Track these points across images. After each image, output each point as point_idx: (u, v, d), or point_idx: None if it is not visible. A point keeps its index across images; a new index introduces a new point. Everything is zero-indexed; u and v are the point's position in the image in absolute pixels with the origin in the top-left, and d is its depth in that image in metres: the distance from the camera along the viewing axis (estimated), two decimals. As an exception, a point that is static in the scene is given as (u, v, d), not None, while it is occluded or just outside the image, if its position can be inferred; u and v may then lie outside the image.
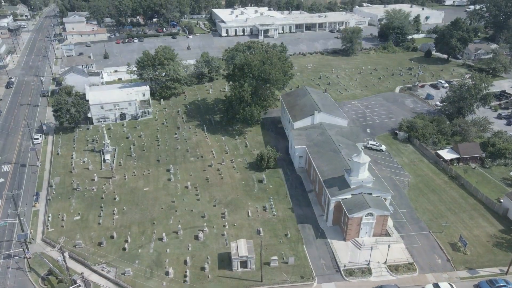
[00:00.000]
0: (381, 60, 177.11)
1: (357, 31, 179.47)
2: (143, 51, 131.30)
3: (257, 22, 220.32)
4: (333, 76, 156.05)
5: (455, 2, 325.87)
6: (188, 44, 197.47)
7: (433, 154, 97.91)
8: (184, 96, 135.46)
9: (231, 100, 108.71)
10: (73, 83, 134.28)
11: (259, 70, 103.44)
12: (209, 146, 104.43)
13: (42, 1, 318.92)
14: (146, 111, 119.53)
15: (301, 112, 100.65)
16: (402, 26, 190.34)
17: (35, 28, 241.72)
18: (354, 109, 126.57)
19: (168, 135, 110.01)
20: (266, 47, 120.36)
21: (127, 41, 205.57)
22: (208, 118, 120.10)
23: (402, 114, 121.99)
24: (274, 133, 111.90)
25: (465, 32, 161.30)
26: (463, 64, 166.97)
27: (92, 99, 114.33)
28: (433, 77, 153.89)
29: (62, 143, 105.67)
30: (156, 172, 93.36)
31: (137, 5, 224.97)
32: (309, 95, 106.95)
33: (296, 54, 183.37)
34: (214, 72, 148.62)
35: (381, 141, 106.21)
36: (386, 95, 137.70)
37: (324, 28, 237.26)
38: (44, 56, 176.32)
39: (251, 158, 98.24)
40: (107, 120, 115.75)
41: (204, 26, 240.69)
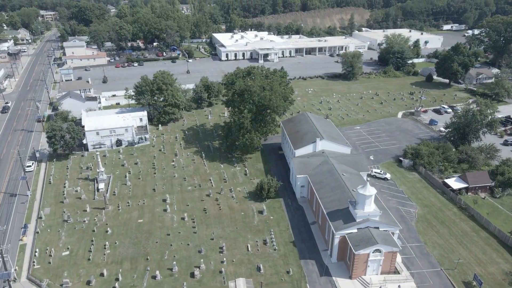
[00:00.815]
0: (382, 84, 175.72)
1: (357, 56, 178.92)
2: (141, 76, 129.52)
3: (257, 46, 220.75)
4: (334, 100, 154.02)
5: (453, 27, 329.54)
6: (187, 68, 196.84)
7: (440, 183, 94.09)
8: (182, 121, 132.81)
9: (230, 127, 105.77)
10: (69, 108, 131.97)
11: (259, 96, 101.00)
12: (207, 174, 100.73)
13: (44, 25, 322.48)
14: (143, 137, 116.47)
15: (302, 139, 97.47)
16: (402, 50, 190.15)
17: (35, 52, 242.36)
18: (356, 135, 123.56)
19: (165, 162, 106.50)
20: (267, 72, 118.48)
21: (127, 65, 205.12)
22: (207, 144, 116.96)
23: (406, 140, 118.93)
24: (274, 160, 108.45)
25: (466, 57, 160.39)
26: (465, 88, 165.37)
27: (88, 125, 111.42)
28: (435, 102, 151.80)
29: (55, 170, 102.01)
30: (152, 202, 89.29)
31: (138, 30, 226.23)
32: (310, 121, 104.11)
33: (296, 78, 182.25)
34: (214, 97, 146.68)
35: (385, 169, 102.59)
36: (388, 120, 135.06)
37: (324, 52, 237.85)
38: (42, 80, 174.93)
39: (251, 187, 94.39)
40: (102, 146, 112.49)
41: (204, 50, 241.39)
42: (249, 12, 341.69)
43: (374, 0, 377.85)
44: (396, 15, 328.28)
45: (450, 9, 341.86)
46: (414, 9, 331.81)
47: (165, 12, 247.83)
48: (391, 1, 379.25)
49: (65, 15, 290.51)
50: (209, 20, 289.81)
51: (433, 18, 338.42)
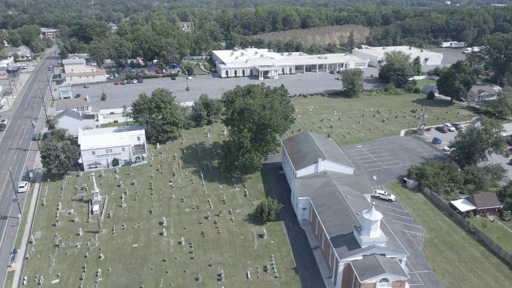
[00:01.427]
0: (383, 101, 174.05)
1: (358, 73, 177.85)
2: (139, 94, 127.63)
3: (257, 63, 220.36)
4: (335, 118, 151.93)
5: (452, 44, 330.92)
6: (187, 85, 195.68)
7: (447, 205, 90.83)
8: (181, 140, 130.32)
9: (230, 146, 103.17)
10: (66, 126, 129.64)
11: (259, 115, 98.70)
12: (205, 195, 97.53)
13: (45, 43, 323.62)
14: (141, 156, 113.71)
15: (303, 159, 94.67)
16: (403, 68, 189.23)
17: (34, 69, 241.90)
18: (358, 153, 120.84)
19: (162, 182, 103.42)
20: (267, 90, 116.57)
21: (126, 82, 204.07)
22: (206, 163, 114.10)
23: (410, 159, 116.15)
24: (275, 180, 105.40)
25: (468, 74, 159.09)
26: (467, 106, 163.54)
27: (84, 144, 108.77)
28: (437, 119, 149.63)
29: (48, 191, 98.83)
30: (148, 225, 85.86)
31: (138, 47, 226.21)
32: (311, 141, 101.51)
33: (296, 95, 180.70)
34: (213, 115, 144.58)
35: (389, 190, 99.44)
36: (391, 138, 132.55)
37: (324, 69, 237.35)
38: (39, 97, 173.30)
39: (251, 209, 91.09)
40: (98, 166, 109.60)
41: (204, 67, 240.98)
42: (249, 29, 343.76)
43: (373, 18, 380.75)
44: (396, 32, 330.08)
45: (449, 27, 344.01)
46: (413, 26, 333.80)
47: (165, 29, 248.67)
48: (390, 19, 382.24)
49: (65, 32, 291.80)
50: (209, 37, 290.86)
51: (432, 36, 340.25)
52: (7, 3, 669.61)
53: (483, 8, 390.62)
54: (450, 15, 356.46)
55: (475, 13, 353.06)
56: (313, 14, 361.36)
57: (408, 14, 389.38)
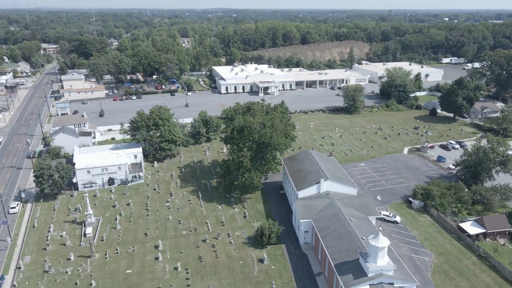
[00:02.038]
0: (385, 118, 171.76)
1: (359, 89, 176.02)
2: (137, 111, 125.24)
3: (257, 79, 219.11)
4: (337, 135, 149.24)
5: (452, 60, 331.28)
6: (186, 101, 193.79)
7: (455, 227, 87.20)
8: (179, 158, 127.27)
9: (229, 165, 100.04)
10: (62, 144, 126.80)
11: (260, 134, 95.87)
12: (204, 217, 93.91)
13: (45, 58, 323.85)
14: (137, 175, 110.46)
15: (305, 180, 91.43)
16: (404, 84, 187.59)
17: (33, 85, 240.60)
18: (361, 172, 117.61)
19: (159, 203, 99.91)
20: (267, 108, 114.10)
21: (125, 98, 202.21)
22: (204, 182, 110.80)
23: (414, 178, 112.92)
24: (275, 200, 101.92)
25: (471, 91, 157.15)
26: (471, 123, 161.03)
27: (79, 163, 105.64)
28: (441, 137, 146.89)
29: (40, 212, 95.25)
30: (143, 248, 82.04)
31: (137, 63, 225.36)
32: (313, 160, 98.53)
33: (297, 112, 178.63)
34: (212, 132, 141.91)
35: (394, 211, 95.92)
36: (394, 156, 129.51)
37: (325, 85, 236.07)
38: (37, 114, 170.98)
39: (251, 232, 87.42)
40: (93, 185, 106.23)
41: (203, 83, 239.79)
42: (249, 45, 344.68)
43: (373, 34, 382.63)
44: (395, 48, 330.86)
45: (449, 43, 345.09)
46: (413, 42, 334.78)
47: (165, 45, 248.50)
48: (390, 35, 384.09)
49: (66, 48, 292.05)
50: (209, 53, 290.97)
51: (432, 52, 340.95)
52: (10, 19, 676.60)
53: (482, 24, 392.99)
54: (449, 31, 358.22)
55: (474, 30, 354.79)
56: (313, 30, 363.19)
57: (407, 30, 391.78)
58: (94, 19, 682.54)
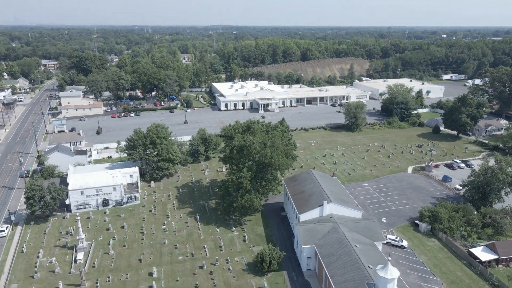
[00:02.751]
0: (387, 136, 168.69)
1: (361, 106, 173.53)
2: (134, 129, 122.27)
3: (257, 96, 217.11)
4: (339, 153, 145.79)
5: (452, 77, 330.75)
6: (185, 118, 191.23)
7: (465, 252, 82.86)
8: (177, 177, 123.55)
9: (228, 186, 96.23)
10: (57, 163, 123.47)
11: (260, 154, 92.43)
12: (201, 241, 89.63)
13: (45, 75, 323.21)
14: (133, 196, 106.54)
15: (307, 202, 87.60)
16: (406, 101, 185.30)
17: (31, 102, 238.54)
18: (364, 193, 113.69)
19: (155, 225, 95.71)
20: (267, 127, 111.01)
21: (123, 115, 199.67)
22: (202, 204, 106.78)
23: (420, 199, 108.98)
24: (276, 223, 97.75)
25: (474, 108, 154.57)
26: (475, 141, 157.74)
27: (73, 183, 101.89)
28: (445, 155, 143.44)
29: (30, 236, 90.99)
30: (136, 276, 77.55)
31: (136, 80, 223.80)
32: (316, 181, 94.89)
33: (298, 129, 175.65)
34: (211, 150, 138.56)
35: (400, 234, 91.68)
36: (398, 176, 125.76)
37: (326, 102, 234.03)
38: (33, 131, 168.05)
39: (250, 257, 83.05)
40: (87, 207, 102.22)
41: (203, 100, 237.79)
42: (249, 61, 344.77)
43: (373, 51, 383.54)
44: (396, 65, 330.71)
45: (449, 60, 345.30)
46: (413, 59, 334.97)
47: (165, 62, 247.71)
48: (389, 51, 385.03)
49: (65, 65, 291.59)
50: (209, 69, 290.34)
51: (432, 68, 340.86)
52: (12, 35, 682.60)
53: (481, 41, 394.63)
54: (449, 48, 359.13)
55: (473, 47, 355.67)
56: (313, 47, 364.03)
57: (407, 47, 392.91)
58: (95, 35, 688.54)
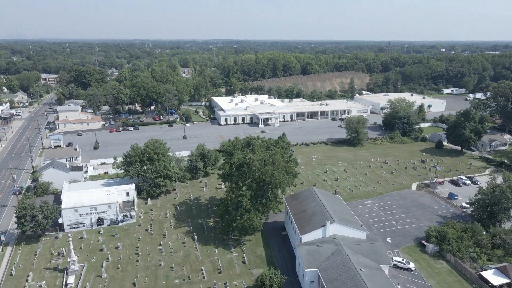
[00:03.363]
0: (390, 151, 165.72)
1: (362, 121, 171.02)
2: (131, 145, 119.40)
3: (257, 110, 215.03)
4: (341, 169, 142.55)
5: (453, 91, 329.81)
6: (184, 133, 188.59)
7: (476, 276, 78.93)
8: (175, 194, 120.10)
9: (227, 205, 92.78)
10: (51, 179, 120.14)
11: (260, 171, 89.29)
12: (199, 262, 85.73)
13: (45, 89, 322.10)
14: (129, 214, 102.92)
15: (309, 222, 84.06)
16: (408, 115, 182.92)
17: (29, 116, 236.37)
18: (368, 211, 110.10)
19: (151, 246, 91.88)
20: (268, 143, 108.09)
21: (122, 130, 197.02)
22: (201, 222, 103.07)
23: (426, 217, 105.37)
24: (277, 243, 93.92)
25: (479, 123, 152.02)
26: (479, 156, 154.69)
27: (66, 202, 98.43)
28: (450, 171, 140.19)
29: (20, 257, 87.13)
30: (130, 301, 73.63)
31: (135, 94, 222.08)
32: (318, 199, 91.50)
33: (298, 144, 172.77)
34: (210, 166, 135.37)
35: (407, 256, 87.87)
36: (402, 193, 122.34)
37: (326, 116, 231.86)
38: (30, 146, 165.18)
39: (250, 281, 79.09)
40: (81, 226, 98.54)
41: (203, 114, 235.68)
42: (249, 75, 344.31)
43: (373, 65, 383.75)
44: (396, 79, 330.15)
45: (449, 74, 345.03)
46: (413, 73, 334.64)
47: (164, 76, 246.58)
48: (389, 66, 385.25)
49: (65, 78, 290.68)
50: (209, 83, 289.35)
51: (433, 82, 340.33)
52: (13, 49, 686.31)
53: (481, 55, 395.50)
54: (449, 62, 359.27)
55: (473, 61, 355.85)
56: (313, 61, 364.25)
57: (407, 61, 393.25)
58: (96, 49, 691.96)
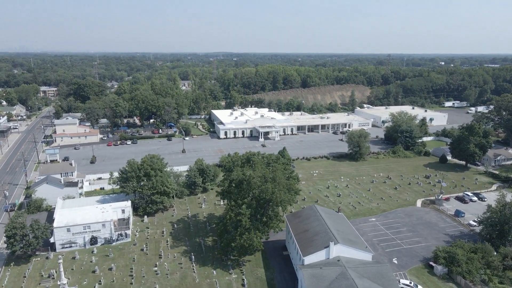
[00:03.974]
0: (392, 166, 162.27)
1: (364, 135, 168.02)
2: (127, 160, 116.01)
3: (257, 124, 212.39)
4: (343, 185, 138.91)
5: (454, 104, 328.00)
6: (183, 147, 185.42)
7: (488, 301, 74.86)
8: (172, 211, 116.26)
9: (226, 224, 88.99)
10: (45, 195, 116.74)
11: (260, 189, 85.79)
12: (196, 285, 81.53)
13: (44, 101, 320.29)
14: (124, 233, 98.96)
15: (312, 243, 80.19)
16: (411, 129, 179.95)
17: (27, 129, 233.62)
18: (372, 229, 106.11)
19: (146, 267, 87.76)
20: (268, 159, 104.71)
21: (119, 144, 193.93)
22: (198, 241, 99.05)
23: (432, 236, 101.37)
24: (278, 264, 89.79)
25: (483, 138, 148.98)
26: (485, 171, 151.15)
27: (59, 220, 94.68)
28: (455, 187, 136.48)
29: (9, 279, 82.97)
30: (122, 328, 69.33)
31: (134, 107, 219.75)
32: (320, 218, 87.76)
33: (299, 158, 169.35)
34: (209, 182, 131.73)
35: (414, 278, 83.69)
36: (407, 210, 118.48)
37: (327, 130, 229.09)
38: (25, 160, 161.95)
39: (250, 306, 74.90)
40: (73, 245, 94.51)
41: (202, 127, 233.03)
42: (249, 88, 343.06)
43: (373, 78, 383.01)
44: (397, 92, 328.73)
45: (450, 87, 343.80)
46: (414, 86, 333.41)
47: (164, 89, 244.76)
48: (390, 79, 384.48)
49: (63, 91, 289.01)
50: (209, 96, 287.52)
51: (434, 95, 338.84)
52: (15, 62, 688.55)
53: (482, 69, 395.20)
54: (449, 75, 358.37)
55: (474, 74, 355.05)
56: (313, 74, 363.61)
57: (407, 74, 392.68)
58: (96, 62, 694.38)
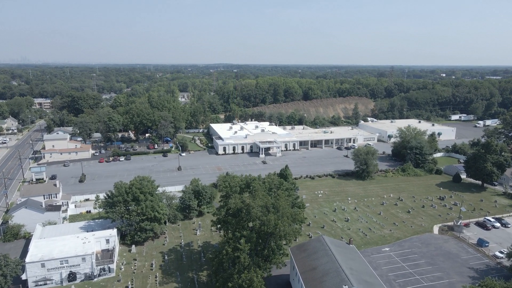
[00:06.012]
0: (403, 185, 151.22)
1: (372, 152, 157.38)
2: (114, 183, 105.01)
3: (257, 139, 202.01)
4: (351, 207, 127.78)
5: (461, 117, 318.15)
6: (179, 163, 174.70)
7: None
8: (163, 239, 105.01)
9: (222, 260, 77.61)
10: (24, 221, 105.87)
11: (261, 221, 74.79)
12: (186, 334, 70.09)
13: (38, 114, 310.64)
14: (107, 267, 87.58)
15: (322, 284, 68.81)
16: (421, 146, 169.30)
17: (16, 144, 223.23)
18: (386, 261, 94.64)
19: (129, 310, 76.44)
20: (270, 184, 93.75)
21: (112, 160, 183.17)
22: (191, 276, 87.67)
23: (455, 271, 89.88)
24: (282, 306, 78.41)
25: (501, 155, 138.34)
26: (504, 193, 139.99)
27: (32, 254, 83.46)
28: (474, 210, 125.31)
29: (-31, 326, 71.63)
30: None
31: (128, 121, 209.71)
32: (330, 252, 76.56)
33: (302, 177, 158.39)
34: (205, 205, 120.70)
35: (440, 325, 72.11)
36: (423, 238, 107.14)
37: (331, 145, 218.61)
38: (9, 178, 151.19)
39: None
40: (48, 282, 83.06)
41: (200, 142, 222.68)
42: (249, 101, 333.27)
43: (376, 90, 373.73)
44: (401, 105, 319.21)
45: (456, 100, 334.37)
46: (419, 99, 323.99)
47: (161, 102, 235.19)
48: (393, 91, 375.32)
49: (57, 104, 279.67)
50: (208, 109, 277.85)
51: (440, 108, 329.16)
52: (13, 74, 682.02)
53: (487, 81, 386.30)
54: (455, 88, 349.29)
55: (480, 86, 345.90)
56: (315, 86, 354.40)
57: (411, 86, 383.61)
58: (96, 74, 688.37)
